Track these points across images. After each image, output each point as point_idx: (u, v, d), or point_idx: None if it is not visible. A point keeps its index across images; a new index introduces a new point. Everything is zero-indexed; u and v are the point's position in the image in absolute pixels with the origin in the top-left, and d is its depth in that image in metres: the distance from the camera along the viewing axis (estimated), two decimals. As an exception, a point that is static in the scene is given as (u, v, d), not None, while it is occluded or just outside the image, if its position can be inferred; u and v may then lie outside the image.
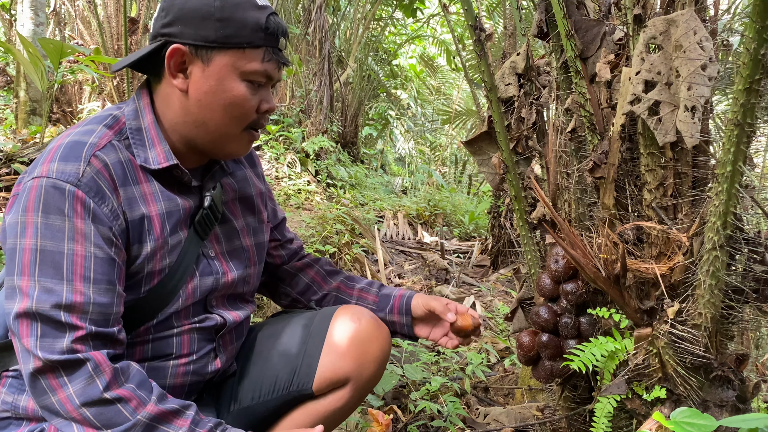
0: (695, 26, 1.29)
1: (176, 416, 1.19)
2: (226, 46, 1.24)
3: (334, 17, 9.52)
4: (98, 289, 1.17)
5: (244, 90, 1.27)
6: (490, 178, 1.93)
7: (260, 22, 1.25)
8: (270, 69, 1.29)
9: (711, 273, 1.32)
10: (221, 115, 1.29)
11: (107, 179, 1.22)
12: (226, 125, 1.30)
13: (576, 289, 1.57)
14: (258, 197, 1.58)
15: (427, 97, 13.96)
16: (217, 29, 1.23)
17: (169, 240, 1.31)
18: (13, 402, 1.30)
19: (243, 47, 1.25)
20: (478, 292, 4.57)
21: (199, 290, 1.37)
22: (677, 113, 1.31)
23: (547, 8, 1.63)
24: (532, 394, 2.43)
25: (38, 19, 4.96)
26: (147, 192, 1.29)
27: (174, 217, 1.33)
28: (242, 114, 1.30)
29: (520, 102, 1.85)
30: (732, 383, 1.42)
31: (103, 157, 1.23)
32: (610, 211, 1.51)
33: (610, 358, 1.50)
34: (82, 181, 1.18)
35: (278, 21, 1.29)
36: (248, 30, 1.24)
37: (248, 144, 1.37)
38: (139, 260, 1.26)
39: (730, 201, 1.25)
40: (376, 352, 1.54)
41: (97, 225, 1.18)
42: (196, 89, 1.27)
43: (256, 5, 1.26)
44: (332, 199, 6.51)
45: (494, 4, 7.79)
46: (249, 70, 1.26)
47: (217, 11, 1.23)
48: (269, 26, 1.26)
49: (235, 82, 1.27)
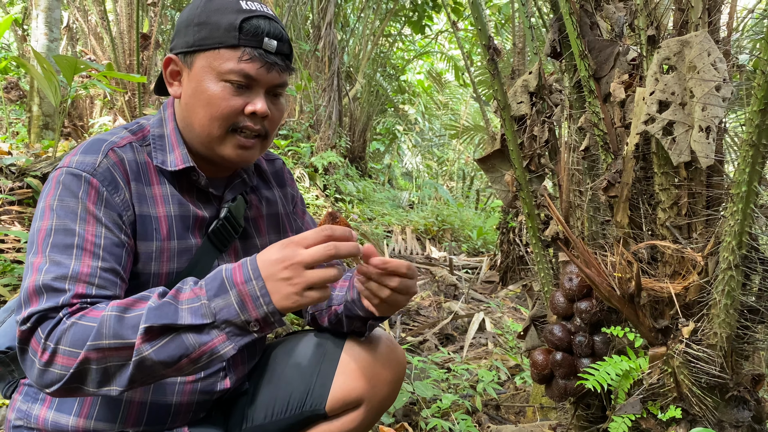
0: (709, 47, 1.30)
1: (140, 300, 1.15)
2: (202, 48, 1.30)
3: (343, 33, 9.60)
4: (105, 267, 1.20)
5: (220, 89, 1.30)
6: (503, 195, 1.94)
7: (234, 23, 1.28)
8: (249, 69, 1.29)
9: (726, 293, 1.32)
10: (201, 115, 1.32)
11: (122, 172, 1.29)
12: (206, 126, 1.32)
13: (590, 308, 1.57)
14: (285, 217, 1.59)
15: (435, 112, 14.02)
16: (195, 33, 1.30)
17: (176, 244, 1.33)
18: (27, 410, 1.32)
19: (217, 47, 1.29)
20: (488, 308, 4.56)
21: None
22: (691, 133, 1.32)
23: (560, 28, 1.65)
24: (543, 412, 2.42)
25: (52, 35, 5.02)
26: (158, 194, 1.34)
27: (183, 222, 1.35)
28: (221, 114, 1.31)
29: (533, 120, 1.86)
30: (748, 403, 1.41)
31: (120, 153, 1.31)
32: (624, 230, 1.52)
33: (625, 377, 1.50)
34: (97, 171, 1.25)
35: (262, 23, 1.30)
36: (221, 30, 1.28)
37: (237, 148, 1.35)
38: (143, 258, 1.29)
39: (745, 221, 1.25)
40: (391, 375, 1.54)
41: (108, 211, 1.24)
42: (184, 93, 1.35)
43: (239, 9, 1.30)
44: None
45: (502, 21, 7.84)
46: (224, 69, 1.28)
47: (196, 17, 1.31)
48: (245, 27, 1.28)
49: (212, 83, 1.30)
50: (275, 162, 1.68)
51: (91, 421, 1.29)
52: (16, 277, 2.76)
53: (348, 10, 9.88)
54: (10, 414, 1.34)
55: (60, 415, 1.30)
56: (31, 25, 5.16)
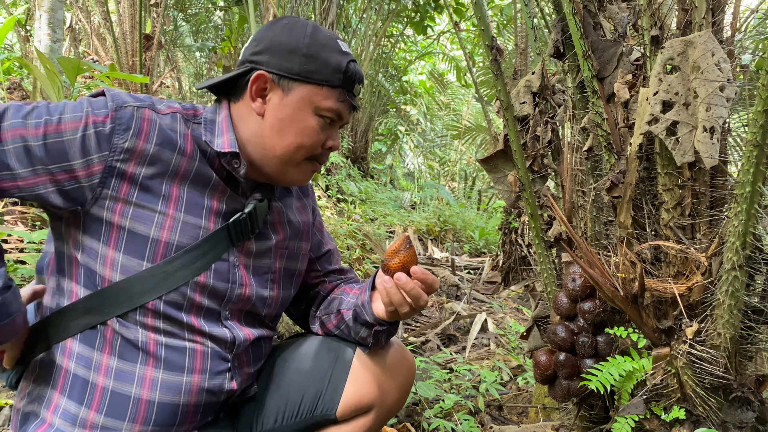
0: (713, 47, 1.30)
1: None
2: (307, 80, 1.35)
3: (346, 34, 9.60)
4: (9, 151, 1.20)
5: (315, 123, 1.37)
6: (505, 195, 1.93)
7: (341, 64, 1.36)
8: (342, 109, 1.39)
9: (730, 293, 1.32)
10: (290, 142, 1.38)
11: (141, 127, 1.29)
12: (292, 152, 1.39)
13: (593, 308, 1.57)
14: (304, 225, 1.60)
15: (437, 112, 14.02)
16: (302, 63, 1.35)
17: (181, 216, 1.32)
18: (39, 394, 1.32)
19: (322, 84, 1.35)
20: (490, 309, 4.56)
21: (207, 291, 1.36)
22: (695, 134, 1.32)
23: (563, 29, 1.65)
24: (546, 413, 2.42)
25: (55, 35, 5.03)
26: (184, 164, 1.34)
27: (198, 200, 1.35)
28: (309, 145, 1.39)
29: (536, 120, 1.86)
30: (752, 404, 1.41)
31: (155, 117, 1.32)
32: (628, 230, 1.52)
33: (628, 378, 1.50)
34: (122, 110, 1.27)
35: (357, 68, 1.40)
36: (330, 69, 1.35)
37: (309, 174, 1.45)
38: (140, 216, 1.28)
39: (749, 221, 1.25)
40: (402, 380, 1.56)
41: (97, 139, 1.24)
42: (272, 114, 1.37)
43: (340, 50, 1.38)
44: (343, 215, 6.53)
45: (504, 22, 7.84)
46: (324, 106, 1.36)
47: (305, 47, 1.36)
48: (349, 71, 1.37)
49: (308, 115, 1.37)
50: None
51: (101, 416, 1.29)
52: (19, 277, 2.76)
53: (350, 11, 9.88)
54: (18, 403, 1.34)
55: (71, 403, 1.30)
56: (34, 26, 5.17)
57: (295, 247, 1.56)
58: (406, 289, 1.38)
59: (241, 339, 1.41)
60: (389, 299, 1.40)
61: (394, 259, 1.40)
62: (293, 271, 1.57)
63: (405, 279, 1.38)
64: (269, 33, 1.39)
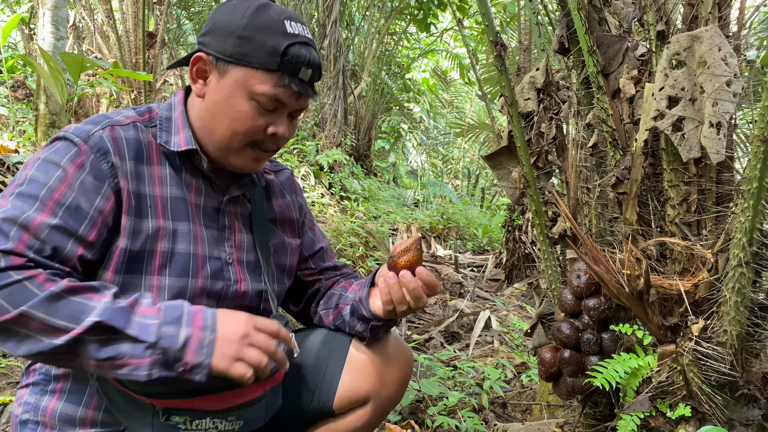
0: (719, 42, 1.29)
1: (93, 291, 1.15)
2: (240, 63, 1.29)
3: (349, 32, 9.59)
4: (57, 225, 1.17)
5: (248, 108, 1.31)
6: (510, 192, 1.93)
7: (279, 47, 1.27)
8: (282, 95, 1.30)
9: (736, 290, 1.31)
10: (224, 126, 1.33)
11: (115, 147, 1.28)
12: (228, 137, 1.34)
13: (598, 305, 1.56)
14: (287, 222, 1.60)
15: (440, 110, 13.99)
16: (235, 45, 1.29)
17: (170, 224, 1.32)
18: (35, 403, 1.32)
19: (256, 68, 1.28)
20: (493, 306, 4.55)
21: (206, 293, 1.36)
22: (701, 129, 1.31)
23: (568, 24, 1.64)
24: (550, 410, 2.41)
25: (59, 33, 5.03)
26: (156, 174, 1.34)
27: (181, 204, 1.35)
28: (245, 131, 1.33)
29: (540, 117, 1.85)
30: (758, 402, 1.40)
31: (119, 131, 1.31)
32: (633, 227, 1.51)
33: (633, 375, 1.49)
34: (90, 138, 1.26)
35: (303, 52, 1.30)
36: (264, 53, 1.27)
37: (253, 161, 1.39)
38: (140, 234, 1.28)
39: (756, 217, 1.24)
40: (398, 372, 1.55)
41: (89, 174, 1.23)
42: (209, 97, 1.34)
43: (284, 32, 1.29)
44: (346, 212, 6.53)
45: (507, 19, 7.82)
46: (258, 91, 1.29)
47: (240, 29, 1.29)
48: (288, 54, 1.28)
49: (242, 99, 1.30)
50: (283, 172, 1.69)
51: (99, 413, 1.30)
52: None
53: (353, 9, 9.87)
54: (16, 409, 1.34)
55: (69, 406, 1.30)
56: (37, 24, 5.17)
57: (281, 242, 1.56)
58: (409, 287, 1.37)
59: None
60: (389, 296, 1.39)
61: (403, 257, 1.40)
62: (284, 266, 1.56)
63: (410, 277, 1.37)
64: (216, 13, 1.35)
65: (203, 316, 1.20)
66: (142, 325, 1.14)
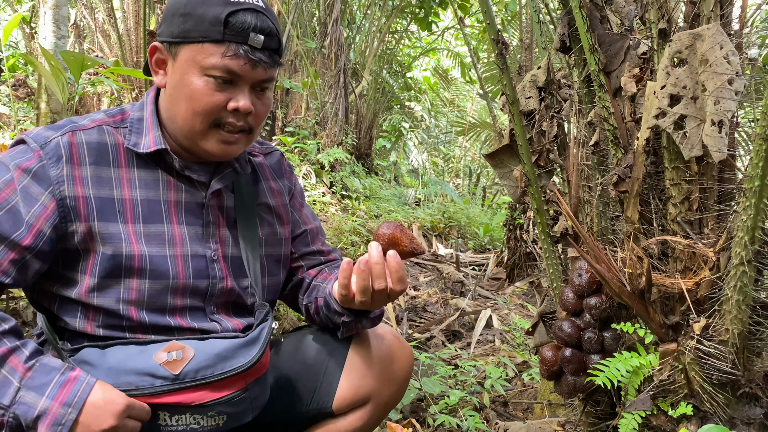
0: (721, 40, 1.29)
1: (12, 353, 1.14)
2: (186, 41, 1.26)
3: (350, 30, 9.58)
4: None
5: (202, 84, 1.26)
6: (511, 191, 1.93)
7: (220, 16, 1.23)
8: (233, 65, 1.25)
9: (738, 288, 1.31)
10: (184, 109, 1.30)
11: (72, 153, 1.27)
12: (189, 120, 1.30)
13: (600, 304, 1.56)
14: (280, 208, 1.55)
15: (441, 108, 13.98)
16: (179, 24, 1.27)
17: (141, 228, 1.31)
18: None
19: (201, 41, 1.24)
20: (494, 305, 4.55)
21: (189, 291, 1.35)
22: (703, 127, 1.31)
23: (569, 22, 1.64)
24: (552, 409, 2.41)
25: (60, 32, 5.03)
26: (125, 177, 1.32)
27: (152, 206, 1.33)
28: (203, 109, 1.28)
29: (541, 115, 1.85)
30: (760, 400, 1.40)
31: (80, 136, 1.30)
32: (635, 225, 1.51)
33: (635, 374, 1.49)
34: (47, 145, 1.26)
35: (248, 18, 1.24)
36: (206, 24, 1.24)
37: (219, 144, 1.33)
38: (109, 238, 1.27)
39: (758, 216, 1.24)
40: (398, 372, 1.53)
41: (34, 179, 1.23)
42: (168, 84, 1.33)
43: (226, 0, 1.24)
44: (347, 211, 6.53)
45: (508, 18, 7.81)
46: (207, 64, 1.25)
47: (182, 7, 1.27)
48: (231, 21, 1.23)
49: (194, 76, 1.27)
50: (273, 154, 1.63)
51: None
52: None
53: (354, 7, 9.86)
54: None
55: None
56: (38, 22, 5.17)
57: (272, 232, 1.52)
58: (372, 261, 1.30)
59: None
60: (344, 279, 1.32)
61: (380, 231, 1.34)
62: (278, 257, 1.53)
63: (376, 254, 1.31)
64: (168, 2, 1.33)
65: (72, 390, 1.14)
66: (3, 381, 1.11)
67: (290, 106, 7.87)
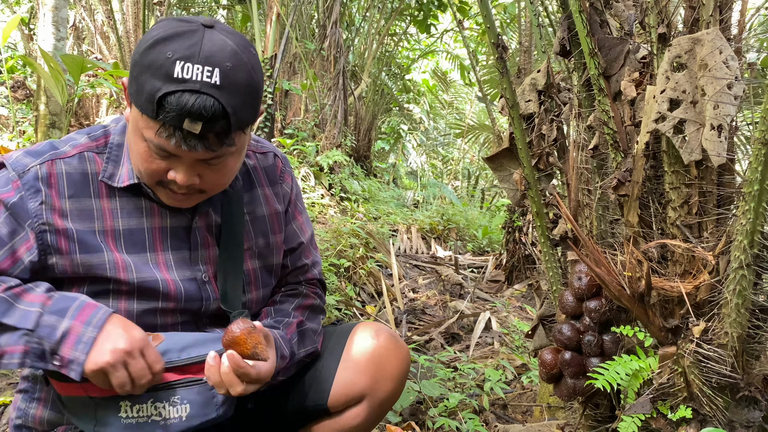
0: (721, 45, 1.29)
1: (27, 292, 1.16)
2: (132, 101, 1.18)
3: (349, 32, 9.59)
4: None
5: (143, 149, 1.19)
6: (511, 194, 1.93)
7: (155, 94, 1.10)
8: (166, 145, 1.15)
9: (737, 292, 1.31)
10: (134, 161, 1.26)
11: (50, 185, 1.24)
12: (138, 171, 1.26)
13: (599, 307, 1.56)
14: (273, 217, 1.51)
15: (440, 111, 13.99)
16: (129, 81, 1.18)
17: (127, 258, 1.28)
18: (26, 409, 1.33)
19: (141, 111, 1.15)
20: (493, 308, 4.55)
21: (179, 312, 1.35)
22: (703, 132, 1.31)
23: (569, 26, 1.64)
24: (551, 412, 2.41)
25: (59, 34, 5.03)
26: (106, 207, 1.29)
27: (136, 235, 1.31)
28: (146, 171, 1.22)
29: (541, 119, 1.85)
30: (759, 404, 1.40)
31: (60, 166, 1.26)
32: (634, 229, 1.51)
33: (634, 377, 1.49)
34: (25, 175, 1.23)
35: (188, 100, 1.09)
36: (143, 98, 1.13)
37: (169, 198, 1.27)
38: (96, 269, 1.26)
39: (757, 220, 1.24)
40: (394, 370, 1.53)
41: (13, 209, 1.21)
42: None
43: (168, 76, 1.10)
44: (346, 213, 6.53)
45: (507, 20, 7.83)
46: (145, 135, 1.17)
47: (134, 65, 1.16)
48: (164, 103, 1.10)
49: (138, 138, 1.20)
50: (267, 155, 1.54)
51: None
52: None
53: (353, 10, 9.88)
54: (12, 413, 1.36)
55: (53, 414, 1.31)
56: (37, 24, 5.17)
57: (265, 242, 1.49)
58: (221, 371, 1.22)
59: None
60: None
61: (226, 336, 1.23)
62: (270, 267, 1.52)
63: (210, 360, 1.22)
64: None
65: (92, 312, 1.15)
66: (23, 313, 1.12)
67: (289, 108, 7.88)
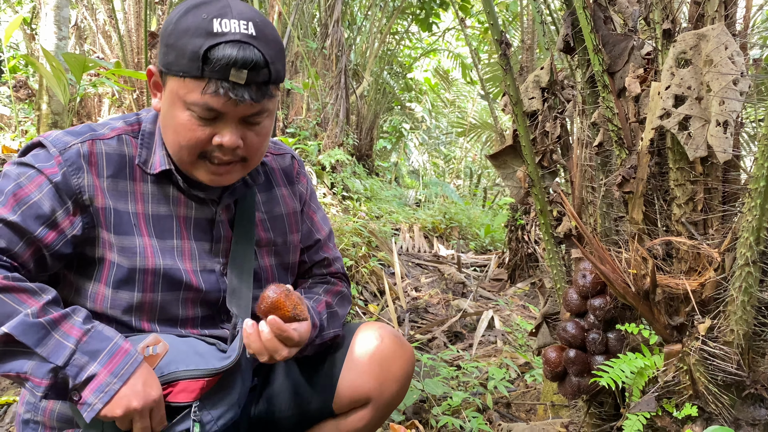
0: (726, 41, 1.29)
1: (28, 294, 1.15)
2: (170, 73, 1.21)
3: (351, 31, 9.59)
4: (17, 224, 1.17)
5: (186, 119, 1.22)
6: (514, 192, 1.92)
7: (199, 51, 1.15)
8: (213, 103, 1.18)
9: (743, 289, 1.31)
10: (171, 139, 1.27)
11: (92, 163, 1.26)
12: (176, 151, 1.28)
13: (604, 305, 1.56)
14: (291, 216, 1.55)
15: (442, 109, 13.98)
16: (164, 54, 1.22)
17: (156, 242, 1.31)
18: (35, 403, 1.33)
19: (182, 76, 1.18)
20: (496, 306, 4.54)
21: (199, 303, 1.36)
22: (708, 128, 1.30)
23: (573, 23, 1.63)
24: (555, 410, 2.41)
25: (61, 33, 5.03)
26: (139, 191, 1.32)
27: (164, 221, 1.33)
28: (188, 143, 1.24)
29: (545, 116, 1.84)
30: (765, 401, 1.40)
31: (100, 146, 1.28)
32: (639, 226, 1.50)
33: (639, 375, 1.48)
34: (67, 151, 1.24)
35: (229, 51, 1.15)
36: (185, 59, 1.17)
37: (209, 174, 1.30)
38: (125, 252, 1.27)
39: (763, 216, 1.23)
40: (398, 371, 1.53)
41: (58, 185, 1.22)
42: (161, 110, 1.30)
43: (208, 32, 1.16)
44: (348, 212, 6.53)
45: (509, 18, 7.81)
46: (189, 100, 1.19)
47: (167, 36, 1.21)
48: (210, 57, 1.15)
49: (179, 110, 1.22)
50: (284, 157, 1.59)
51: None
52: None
53: (355, 8, 9.87)
54: (19, 408, 1.35)
55: (65, 406, 1.31)
56: (39, 24, 5.17)
57: (283, 241, 1.52)
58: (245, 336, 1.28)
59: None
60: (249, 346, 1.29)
61: (262, 303, 1.29)
62: (286, 265, 1.54)
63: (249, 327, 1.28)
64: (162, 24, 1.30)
65: (121, 362, 1.15)
66: (57, 344, 1.12)
67: (291, 107, 7.87)
